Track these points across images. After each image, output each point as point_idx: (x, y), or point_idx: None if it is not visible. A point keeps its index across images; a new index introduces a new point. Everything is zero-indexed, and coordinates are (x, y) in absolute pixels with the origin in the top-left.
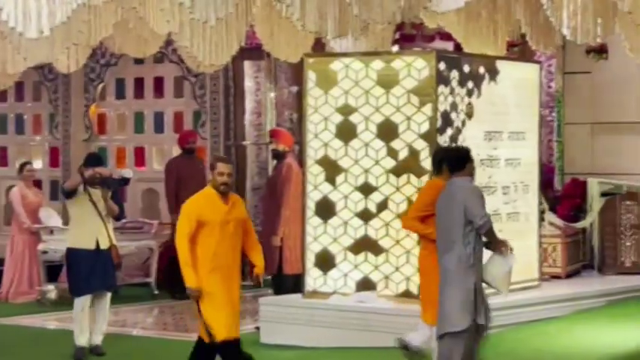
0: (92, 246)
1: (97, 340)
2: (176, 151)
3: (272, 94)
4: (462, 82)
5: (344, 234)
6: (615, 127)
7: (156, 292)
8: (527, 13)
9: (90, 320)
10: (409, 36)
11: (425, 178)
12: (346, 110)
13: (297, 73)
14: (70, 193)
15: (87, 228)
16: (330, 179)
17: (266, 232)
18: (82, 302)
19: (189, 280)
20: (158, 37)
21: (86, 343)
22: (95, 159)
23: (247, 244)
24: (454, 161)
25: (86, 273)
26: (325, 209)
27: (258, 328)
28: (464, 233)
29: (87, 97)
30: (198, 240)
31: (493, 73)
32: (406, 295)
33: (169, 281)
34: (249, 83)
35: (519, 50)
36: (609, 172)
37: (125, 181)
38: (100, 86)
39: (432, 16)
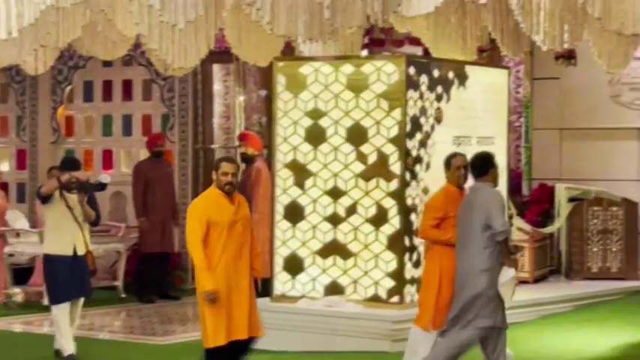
0: (70, 252)
1: (71, 348)
2: (144, 155)
3: (241, 98)
4: (431, 87)
5: (313, 238)
6: (583, 132)
7: (123, 295)
8: (496, 18)
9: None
10: (378, 40)
11: (394, 183)
12: (316, 114)
13: (265, 76)
14: (46, 198)
15: (64, 234)
16: (299, 183)
17: None
18: (63, 310)
19: (207, 283)
20: (127, 40)
21: (74, 350)
22: (72, 163)
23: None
24: (477, 167)
25: (64, 280)
26: (294, 213)
27: None
28: (481, 238)
29: (55, 99)
30: (207, 241)
31: (462, 78)
32: (374, 299)
33: (137, 284)
34: (217, 87)
35: (488, 56)
36: (577, 178)
37: (102, 186)
38: (68, 88)
39: (402, 20)
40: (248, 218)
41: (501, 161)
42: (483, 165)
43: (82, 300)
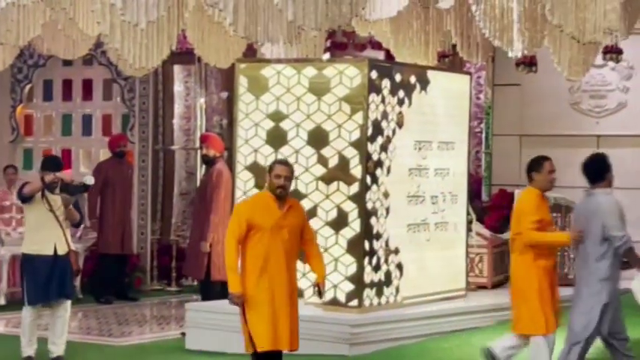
0: (50, 252)
1: (59, 350)
2: (104, 154)
3: (202, 100)
4: (393, 91)
5: None
6: (543, 139)
7: (80, 296)
8: (458, 24)
9: (50, 329)
10: (341, 44)
11: (355, 187)
12: (277, 117)
13: (227, 78)
14: (27, 198)
15: (44, 234)
16: (260, 185)
17: (195, 238)
18: (33, 311)
19: (231, 285)
20: (88, 39)
21: (34, 353)
22: (54, 163)
23: (308, 252)
24: (593, 172)
25: (43, 281)
26: None
27: (184, 334)
28: (600, 248)
29: (13, 97)
30: (248, 244)
31: (424, 83)
32: (334, 302)
33: (94, 285)
34: (178, 88)
35: (450, 61)
36: None
37: (86, 187)
38: (28, 87)
39: (364, 24)
40: (298, 225)
41: (461, 166)
42: (599, 169)
43: (67, 303)
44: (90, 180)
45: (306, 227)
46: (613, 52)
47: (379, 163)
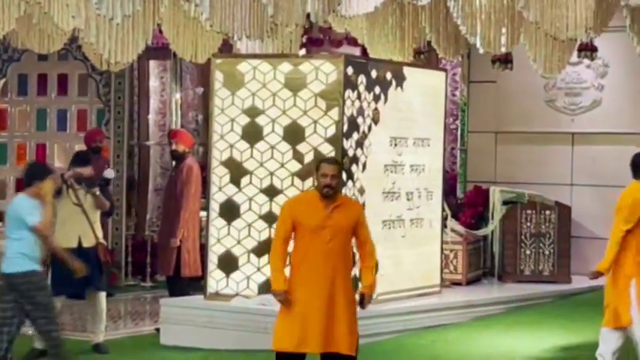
0: (74, 244)
1: (97, 338)
2: (79, 150)
3: (177, 95)
4: (369, 88)
5: (248, 236)
6: (518, 136)
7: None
8: (434, 20)
9: (89, 320)
10: (317, 40)
11: None
12: (253, 112)
13: (202, 74)
14: (56, 193)
15: (69, 227)
16: (235, 181)
17: (164, 234)
18: (56, 302)
19: (274, 283)
20: (63, 34)
21: (40, 346)
22: (80, 159)
23: (360, 257)
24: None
25: (67, 273)
26: (229, 211)
27: (158, 330)
28: None
29: None
30: (294, 243)
31: (400, 80)
32: None
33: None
34: (154, 83)
35: (425, 58)
36: (511, 181)
37: (106, 181)
38: (2, 81)
39: (340, 20)
40: (345, 226)
41: (437, 163)
42: None
43: (101, 294)
44: (110, 174)
45: (360, 229)
46: (588, 50)
47: (354, 159)
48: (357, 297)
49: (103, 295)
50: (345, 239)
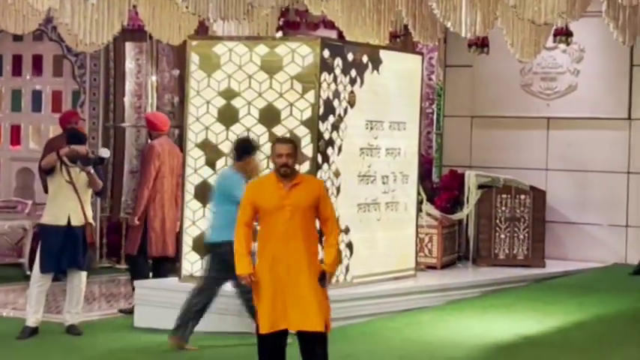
0: (63, 222)
1: (73, 319)
2: (54, 131)
3: (153, 77)
4: (345, 71)
5: None
6: (494, 121)
7: (28, 272)
8: (410, 4)
9: (66, 299)
10: (293, 23)
11: (305, 166)
12: (229, 94)
13: (179, 56)
14: (49, 171)
15: (60, 204)
16: (211, 163)
17: (140, 216)
18: (41, 279)
19: (237, 267)
20: (38, 14)
21: (34, 323)
22: (76, 137)
23: (324, 235)
24: None
25: (55, 250)
26: (205, 193)
27: (131, 312)
28: None
29: None
30: (259, 226)
31: (376, 63)
32: None
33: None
34: (130, 65)
35: (402, 41)
36: (487, 166)
37: (101, 160)
38: None
39: (317, 3)
40: (304, 205)
41: (413, 147)
42: None
43: (81, 274)
44: (105, 153)
45: (321, 206)
46: (563, 35)
47: (330, 142)
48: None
49: (84, 275)
50: (307, 217)
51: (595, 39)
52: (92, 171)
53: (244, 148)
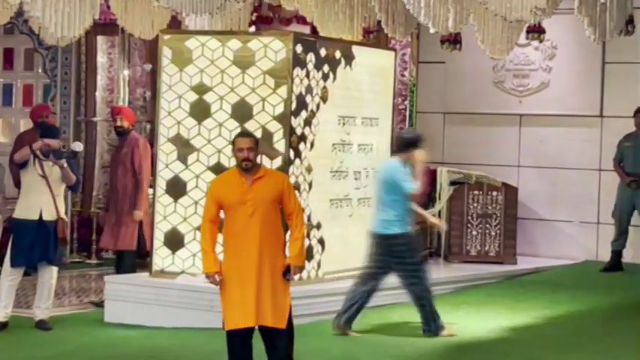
0: (35, 217)
1: (42, 314)
2: (25, 125)
3: (125, 71)
4: (317, 66)
5: (194, 214)
6: (467, 117)
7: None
8: (383, 0)
9: (36, 294)
10: (266, 18)
11: (278, 161)
12: (201, 89)
13: (151, 50)
14: (22, 164)
15: (32, 199)
16: (182, 158)
17: (124, 209)
18: (13, 273)
19: (204, 265)
20: (9, 7)
21: (4, 318)
22: (48, 131)
23: (289, 228)
24: None
25: (26, 245)
26: (176, 188)
27: (101, 305)
28: None
29: None
30: (224, 223)
31: (349, 59)
32: None
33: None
34: (101, 59)
35: (375, 37)
36: (459, 162)
37: (74, 154)
38: None
39: None
40: (269, 198)
41: (385, 143)
42: None
43: (52, 269)
44: (78, 147)
45: (285, 200)
46: (536, 32)
47: (303, 138)
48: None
49: (55, 270)
50: (270, 211)
51: (567, 36)
52: (65, 165)
53: (410, 141)
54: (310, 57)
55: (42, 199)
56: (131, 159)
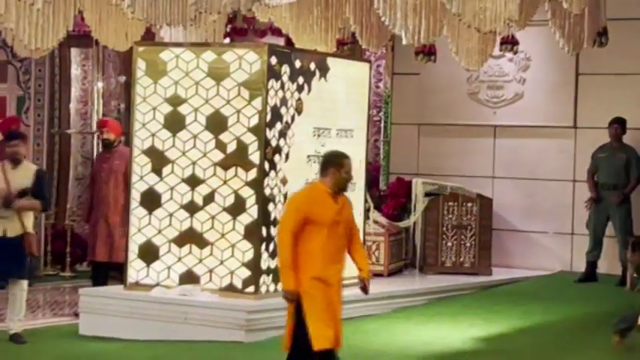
0: None
1: (16, 327)
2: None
3: (99, 83)
4: (292, 78)
5: (169, 226)
6: (441, 128)
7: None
8: (358, 12)
9: (8, 308)
10: (241, 30)
11: (252, 173)
12: (175, 101)
13: (125, 62)
14: None
15: None
16: (157, 170)
17: (115, 221)
18: None
19: (288, 282)
20: None
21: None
22: (13, 135)
23: (352, 247)
24: None
25: None
26: (150, 200)
27: (77, 315)
28: None
29: None
30: (303, 239)
31: (324, 70)
32: (230, 289)
33: None
34: (75, 71)
35: (350, 49)
36: (434, 173)
37: (23, 192)
38: None
39: (264, 10)
40: (350, 220)
41: (360, 154)
42: None
43: (21, 283)
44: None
45: (353, 222)
46: (509, 43)
47: (277, 150)
48: (359, 284)
49: (24, 283)
50: (350, 233)
51: (541, 48)
52: (21, 203)
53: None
54: (285, 68)
55: (4, 218)
56: (125, 172)
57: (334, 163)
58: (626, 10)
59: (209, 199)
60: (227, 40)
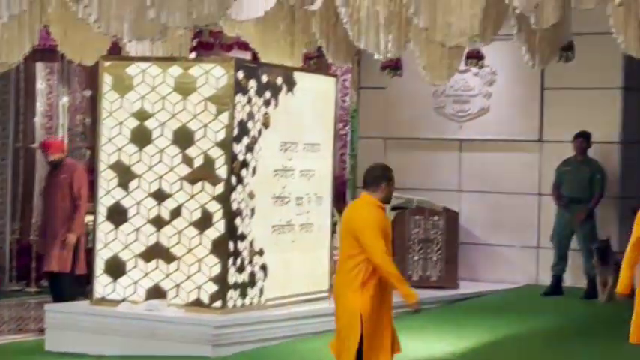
0: None
1: None
2: None
3: (65, 98)
4: (259, 92)
5: (135, 241)
6: (407, 142)
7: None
8: (324, 26)
9: None
10: (207, 44)
11: (219, 187)
12: (142, 115)
13: (91, 76)
14: None
15: None
16: (123, 185)
17: (57, 232)
18: None
19: (411, 294)
20: None
21: None
22: None
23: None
24: None
25: None
26: (117, 215)
27: (42, 330)
28: None
29: None
30: (364, 257)
31: (290, 84)
32: (197, 303)
33: None
34: (41, 85)
35: (316, 63)
36: (400, 187)
37: None
38: None
39: (231, 24)
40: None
41: (327, 168)
42: None
43: None
44: None
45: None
46: (475, 58)
47: (244, 164)
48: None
49: None
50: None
51: (506, 62)
52: None
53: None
54: (252, 83)
55: None
56: (70, 184)
57: (387, 178)
58: (591, 24)
59: (176, 213)
60: (193, 55)
